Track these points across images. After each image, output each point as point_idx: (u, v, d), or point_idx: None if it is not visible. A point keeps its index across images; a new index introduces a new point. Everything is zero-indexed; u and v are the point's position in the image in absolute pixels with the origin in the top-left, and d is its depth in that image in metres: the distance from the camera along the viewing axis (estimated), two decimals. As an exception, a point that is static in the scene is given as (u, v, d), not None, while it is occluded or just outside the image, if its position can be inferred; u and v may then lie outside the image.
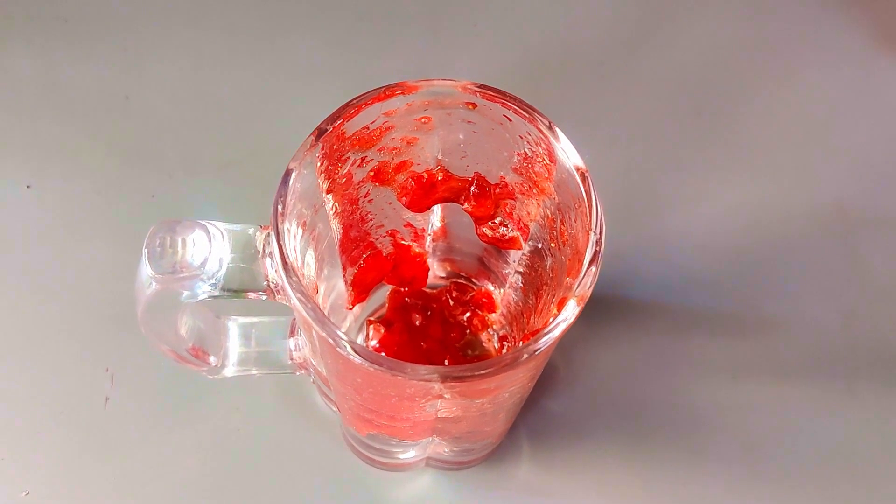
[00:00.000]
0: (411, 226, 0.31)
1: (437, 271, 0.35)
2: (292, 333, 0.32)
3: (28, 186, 0.39)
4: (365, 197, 0.27)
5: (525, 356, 0.20)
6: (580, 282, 0.21)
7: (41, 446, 0.35)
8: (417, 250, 0.33)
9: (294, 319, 0.32)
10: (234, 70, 0.42)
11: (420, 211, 0.30)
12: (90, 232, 0.39)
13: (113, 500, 0.34)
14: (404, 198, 0.29)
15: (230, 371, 0.31)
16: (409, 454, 0.31)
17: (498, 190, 0.28)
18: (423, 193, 0.29)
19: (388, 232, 0.31)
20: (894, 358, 0.38)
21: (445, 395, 0.22)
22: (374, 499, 0.35)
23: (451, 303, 0.35)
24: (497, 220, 0.30)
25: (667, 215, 0.41)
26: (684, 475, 0.36)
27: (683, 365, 0.38)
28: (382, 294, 0.34)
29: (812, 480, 0.36)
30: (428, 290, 0.35)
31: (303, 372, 0.32)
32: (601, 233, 0.22)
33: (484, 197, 0.29)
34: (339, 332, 0.20)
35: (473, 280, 0.35)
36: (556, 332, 0.20)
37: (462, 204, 0.29)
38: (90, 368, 0.36)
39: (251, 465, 0.35)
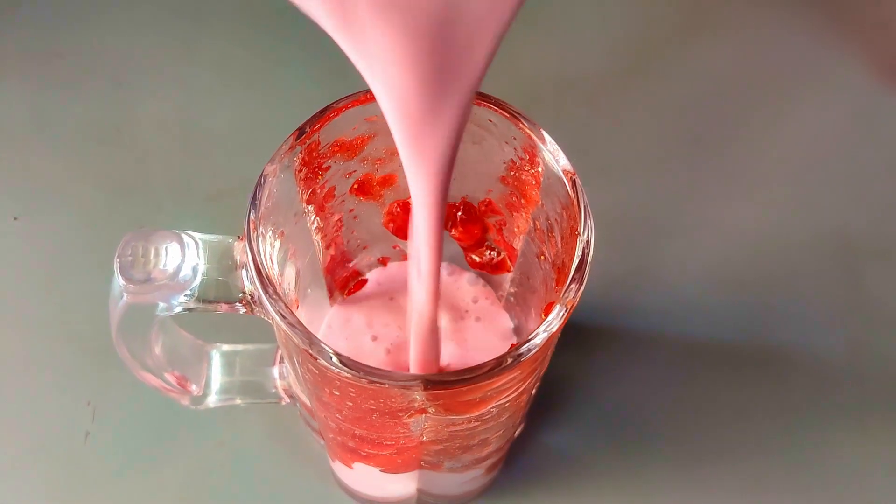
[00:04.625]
0: (399, 248, 0.30)
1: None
2: (278, 362, 0.31)
3: (15, 218, 0.39)
4: (350, 213, 0.27)
5: (510, 361, 0.19)
6: (567, 287, 0.20)
7: (18, 481, 0.34)
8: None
9: (278, 348, 0.31)
10: (223, 105, 0.42)
11: (407, 238, 0.29)
12: (76, 264, 0.38)
13: (91, 540, 0.33)
14: (391, 224, 0.29)
15: (213, 400, 0.30)
16: (398, 486, 0.30)
17: (484, 207, 0.27)
18: (409, 219, 0.28)
19: (378, 259, 0.31)
20: (905, 387, 0.37)
21: (429, 410, 0.21)
22: (364, 538, 0.33)
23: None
24: (485, 244, 0.29)
25: (666, 244, 0.40)
26: (689, 512, 0.34)
27: (686, 397, 0.37)
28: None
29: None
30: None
31: (289, 401, 0.31)
32: (589, 236, 0.21)
33: (471, 223, 0.28)
34: (317, 338, 0.19)
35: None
36: (540, 339, 0.19)
37: (450, 231, 0.29)
38: (71, 402, 0.35)
39: (237, 502, 0.34)
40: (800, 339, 0.38)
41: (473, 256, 0.29)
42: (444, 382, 0.19)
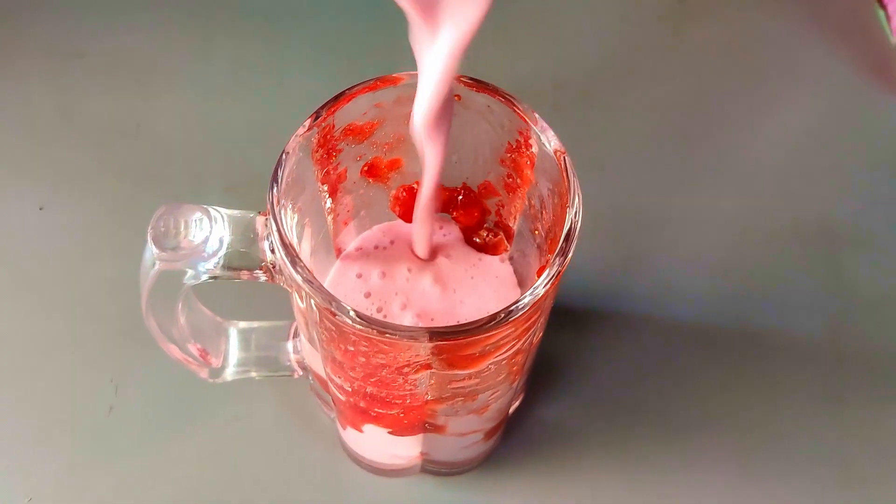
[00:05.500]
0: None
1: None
2: (292, 337, 0.33)
3: (41, 208, 0.41)
4: (360, 194, 0.29)
5: (502, 316, 0.21)
6: (557, 254, 0.23)
7: (45, 453, 0.36)
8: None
9: (293, 324, 0.33)
10: (238, 100, 0.44)
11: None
12: (99, 251, 0.40)
13: (114, 507, 0.35)
14: (397, 207, 0.31)
15: (230, 373, 0.33)
16: (404, 450, 0.32)
17: (483, 189, 0.29)
18: (414, 203, 0.30)
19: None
20: (882, 366, 0.39)
21: (433, 365, 0.23)
22: (370, 506, 0.36)
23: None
24: (484, 226, 0.31)
25: (656, 234, 0.42)
26: (677, 482, 0.36)
27: (674, 375, 0.39)
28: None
29: (804, 486, 0.36)
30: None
31: (301, 373, 0.33)
32: (578, 208, 0.23)
33: (471, 206, 0.30)
34: (336, 297, 0.22)
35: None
36: (528, 300, 0.22)
37: (451, 214, 0.31)
38: (96, 379, 0.37)
39: (251, 473, 0.36)
40: (782, 321, 0.40)
41: (474, 238, 0.31)
42: (446, 333, 0.21)
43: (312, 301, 0.23)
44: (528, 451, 0.37)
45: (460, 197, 0.30)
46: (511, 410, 0.35)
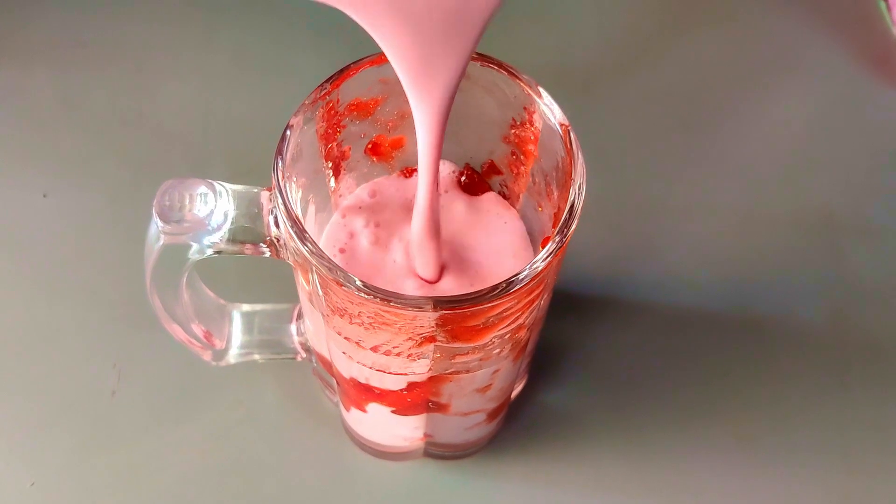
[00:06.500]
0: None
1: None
2: (296, 319, 0.33)
3: (44, 195, 0.41)
4: (363, 174, 0.29)
5: (504, 286, 0.21)
6: (560, 228, 0.23)
7: (48, 437, 0.36)
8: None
9: (296, 306, 0.33)
10: (240, 88, 0.44)
11: None
12: (102, 238, 0.40)
13: (116, 491, 0.35)
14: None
15: (234, 355, 0.33)
16: (407, 431, 0.32)
17: (486, 168, 0.29)
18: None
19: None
20: (884, 353, 0.39)
21: (438, 337, 0.23)
22: (373, 489, 0.35)
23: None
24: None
25: (658, 222, 0.42)
26: (678, 468, 0.37)
27: (677, 362, 0.39)
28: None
29: (806, 473, 0.37)
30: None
31: (305, 356, 0.33)
32: (582, 182, 0.23)
33: (475, 186, 0.30)
34: (342, 269, 0.22)
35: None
36: (528, 272, 0.22)
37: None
38: (99, 364, 0.37)
39: (253, 457, 0.36)
40: (784, 309, 0.40)
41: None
42: (449, 302, 0.21)
43: (317, 274, 0.23)
44: (530, 436, 0.37)
45: (464, 178, 0.30)
46: (513, 395, 0.35)
